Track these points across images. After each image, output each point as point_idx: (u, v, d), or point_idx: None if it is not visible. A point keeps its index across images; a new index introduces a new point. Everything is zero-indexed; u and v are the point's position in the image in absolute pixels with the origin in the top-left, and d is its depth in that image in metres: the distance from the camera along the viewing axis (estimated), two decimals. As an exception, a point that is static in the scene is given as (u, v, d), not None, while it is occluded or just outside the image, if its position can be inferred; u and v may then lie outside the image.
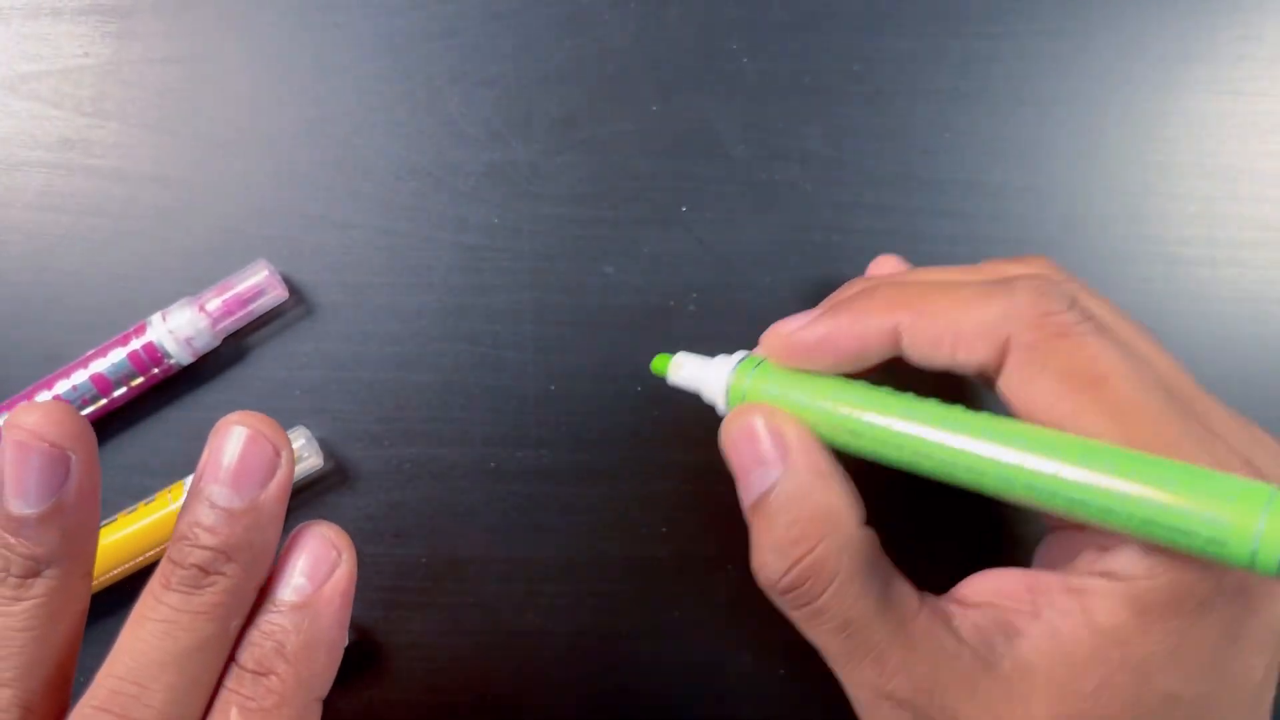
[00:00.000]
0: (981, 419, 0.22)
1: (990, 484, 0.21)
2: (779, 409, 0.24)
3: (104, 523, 0.31)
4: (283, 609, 0.20)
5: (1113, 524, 0.20)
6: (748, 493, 0.24)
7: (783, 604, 0.23)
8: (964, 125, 0.33)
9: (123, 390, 0.31)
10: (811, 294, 0.33)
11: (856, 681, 0.23)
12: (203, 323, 0.30)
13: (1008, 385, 0.22)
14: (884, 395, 0.23)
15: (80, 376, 0.30)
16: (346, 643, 0.22)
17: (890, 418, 0.22)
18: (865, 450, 0.23)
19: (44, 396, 0.30)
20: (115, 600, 0.32)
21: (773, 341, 0.24)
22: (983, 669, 0.21)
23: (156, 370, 0.31)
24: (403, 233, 0.32)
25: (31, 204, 0.32)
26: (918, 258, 0.33)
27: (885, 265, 0.30)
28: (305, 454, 0.31)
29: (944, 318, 0.22)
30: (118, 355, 0.30)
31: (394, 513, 0.32)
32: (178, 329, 0.30)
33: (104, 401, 0.31)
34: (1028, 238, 0.33)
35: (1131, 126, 0.33)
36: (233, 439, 0.21)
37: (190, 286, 0.31)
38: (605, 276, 0.32)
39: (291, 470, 0.21)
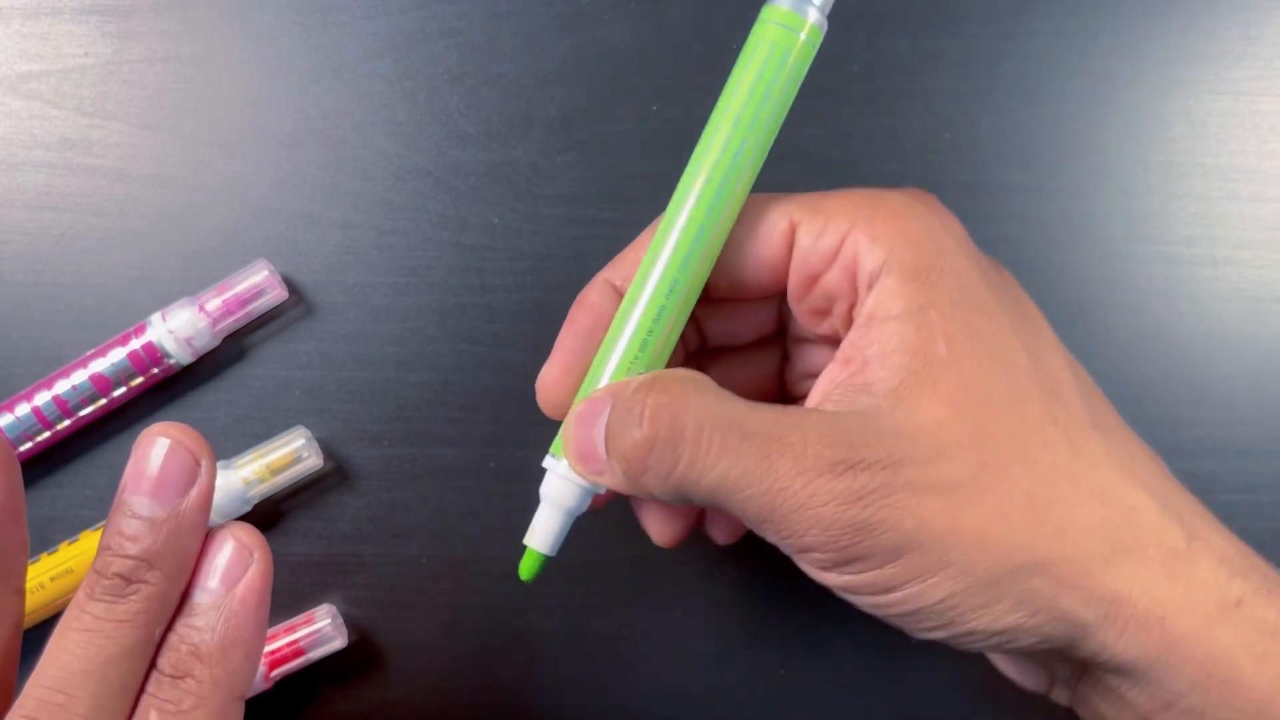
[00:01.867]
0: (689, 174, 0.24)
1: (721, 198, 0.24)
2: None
3: (103, 523, 0.31)
4: (197, 612, 0.21)
5: (768, 134, 0.24)
6: (599, 441, 0.23)
7: (672, 483, 0.22)
8: (964, 125, 0.33)
9: (122, 390, 0.31)
10: (811, 294, 0.32)
11: (783, 487, 0.21)
12: (202, 323, 0.30)
13: (808, 257, 0.24)
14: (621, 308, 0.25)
15: (80, 376, 0.30)
16: (264, 643, 0.23)
17: (660, 255, 0.24)
18: (654, 330, 0.24)
19: (43, 396, 0.30)
20: (115, 600, 0.32)
21: (545, 387, 0.25)
22: (878, 412, 0.22)
23: (156, 370, 0.31)
24: (403, 233, 0.32)
25: (31, 204, 0.32)
26: (918, 258, 0.32)
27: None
28: (305, 454, 0.31)
29: (634, 246, 0.25)
30: (117, 355, 0.30)
31: (394, 513, 0.32)
32: (178, 329, 0.30)
33: (104, 401, 0.31)
34: (1028, 238, 0.33)
35: (1131, 126, 0.33)
36: (154, 450, 0.21)
37: (190, 286, 0.31)
38: (605, 276, 0.32)
39: (212, 479, 0.21)
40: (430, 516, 0.32)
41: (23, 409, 0.30)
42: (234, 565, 0.22)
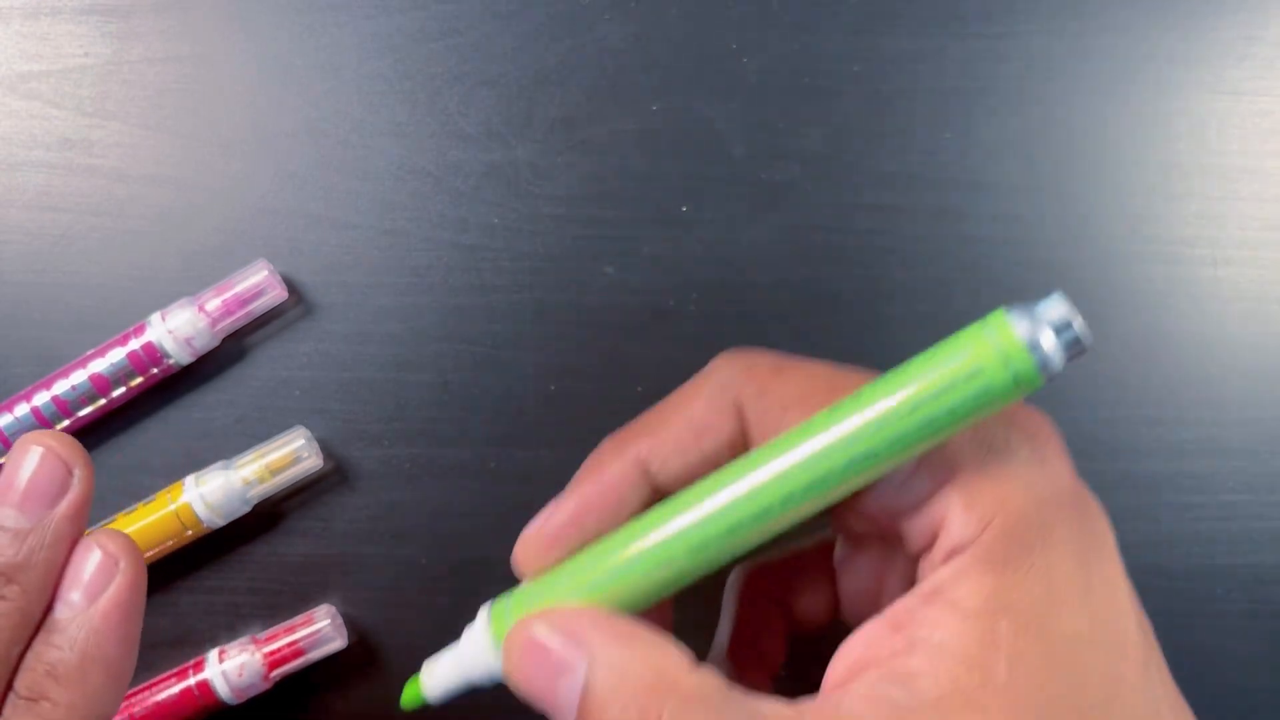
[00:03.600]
0: (736, 465, 0.20)
1: (798, 503, 0.19)
2: (547, 608, 0.21)
3: (103, 523, 0.31)
4: (56, 629, 0.20)
5: (897, 452, 0.19)
6: (567, 710, 0.19)
7: None
8: (964, 125, 0.33)
9: (122, 390, 0.31)
10: (812, 294, 0.32)
11: None
12: (202, 323, 0.30)
13: (759, 430, 0.21)
14: (643, 519, 0.21)
15: (79, 376, 0.30)
16: (133, 661, 0.21)
17: (672, 521, 0.20)
18: (668, 580, 0.21)
19: (42, 396, 0.30)
20: (115, 600, 0.32)
21: (526, 548, 0.22)
22: None
23: (156, 370, 0.31)
24: (403, 233, 0.32)
25: (31, 204, 0.32)
26: (918, 258, 0.33)
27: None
28: (305, 454, 0.31)
29: (675, 421, 0.22)
30: (117, 355, 0.30)
31: (394, 513, 0.32)
32: (177, 329, 0.30)
33: (103, 401, 0.31)
34: (1028, 238, 0.33)
35: (1131, 126, 0.33)
36: (27, 459, 0.20)
37: (190, 286, 0.31)
38: (605, 276, 0.32)
39: (87, 489, 0.20)
40: (430, 516, 0.32)
41: (22, 409, 0.30)
42: (98, 576, 0.20)
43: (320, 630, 0.31)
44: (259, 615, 0.32)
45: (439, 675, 0.22)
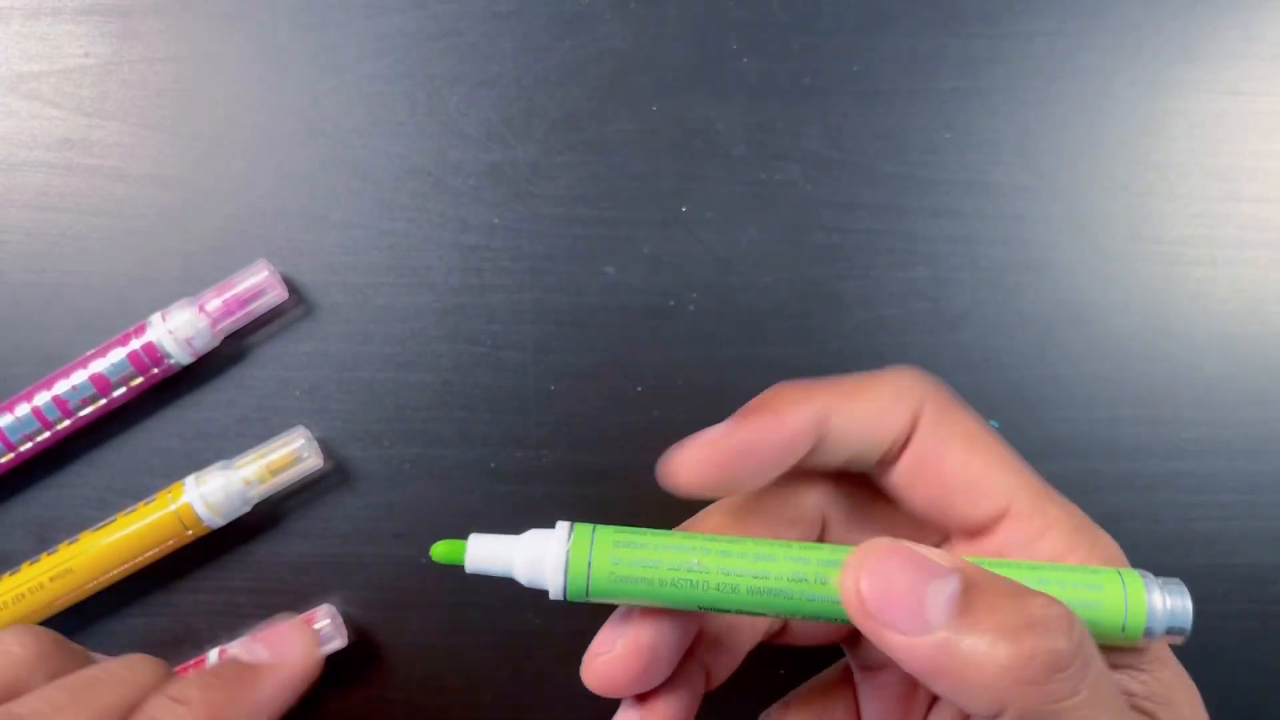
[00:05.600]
0: None
1: None
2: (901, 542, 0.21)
3: (104, 523, 0.31)
4: None
5: None
6: (932, 610, 0.19)
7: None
8: (964, 125, 0.33)
9: (122, 390, 0.31)
10: (812, 294, 0.33)
11: None
12: (202, 323, 0.30)
13: (919, 452, 0.22)
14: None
15: (80, 376, 0.30)
16: None
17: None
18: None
19: (43, 396, 0.30)
20: (115, 600, 0.32)
21: (692, 456, 0.22)
22: None
23: (156, 370, 0.31)
24: (403, 233, 0.32)
25: (31, 204, 0.32)
26: (918, 258, 0.33)
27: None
28: (305, 454, 0.31)
29: (864, 397, 0.22)
30: (117, 355, 0.30)
31: (393, 513, 0.32)
32: (178, 329, 0.30)
33: (103, 401, 0.31)
34: (1028, 238, 0.33)
35: (1131, 126, 0.33)
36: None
37: (190, 286, 0.31)
38: (605, 276, 0.32)
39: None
40: (430, 516, 0.32)
41: (22, 409, 0.30)
42: None
43: (320, 630, 0.31)
44: (259, 615, 0.32)
45: (488, 551, 0.22)
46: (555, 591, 0.22)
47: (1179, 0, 0.33)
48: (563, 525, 0.22)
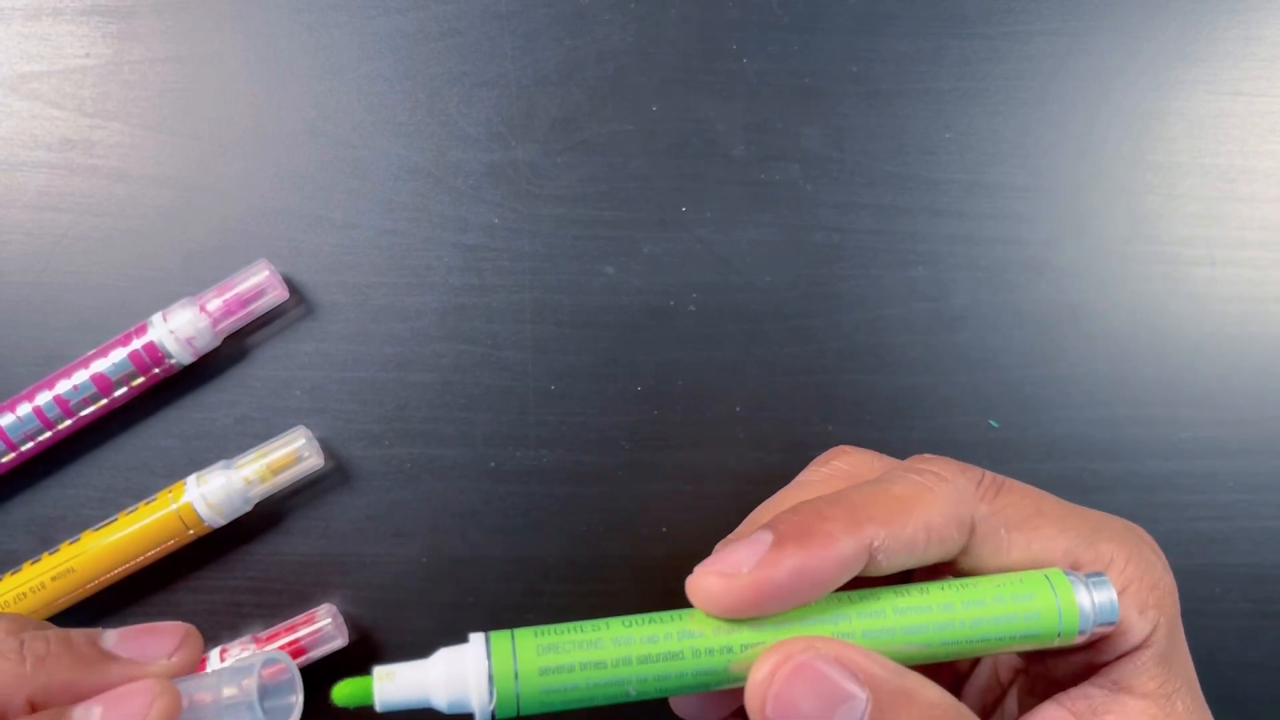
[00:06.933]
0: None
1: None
2: (811, 635, 0.21)
3: (104, 523, 0.31)
4: None
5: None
6: None
7: None
8: (964, 125, 0.33)
9: (123, 390, 0.31)
10: (812, 294, 0.33)
11: None
12: (203, 323, 0.30)
13: (979, 554, 0.23)
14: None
15: (81, 376, 0.30)
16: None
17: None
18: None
19: (44, 396, 0.30)
20: (116, 600, 0.32)
21: (725, 587, 0.20)
22: None
23: (157, 370, 0.31)
24: (403, 233, 0.32)
25: (31, 204, 0.32)
26: (918, 257, 0.33)
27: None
28: (306, 454, 0.31)
29: (914, 519, 0.22)
30: (119, 355, 0.30)
31: (394, 513, 0.32)
32: (178, 329, 0.30)
33: (104, 401, 0.31)
34: (1028, 238, 0.33)
35: (1131, 126, 0.33)
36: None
37: (191, 286, 0.31)
38: (605, 276, 0.32)
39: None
40: (430, 516, 0.32)
41: (24, 409, 0.30)
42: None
43: (321, 629, 0.31)
44: (260, 614, 0.32)
45: (400, 685, 0.20)
46: (481, 713, 0.20)
47: (1179, 1, 0.33)
48: (477, 637, 0.20)
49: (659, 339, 0.32)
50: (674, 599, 0.33)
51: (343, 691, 0.20)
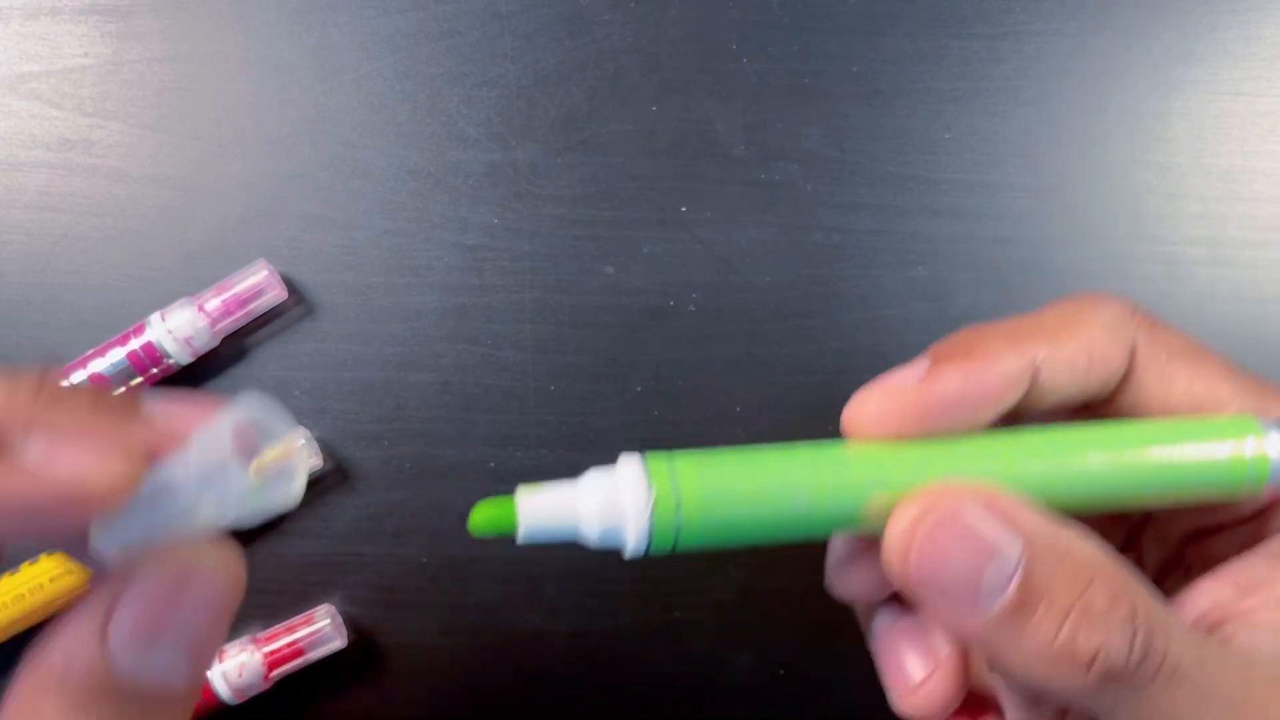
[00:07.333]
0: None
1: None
2: (962, 481, 0.18)
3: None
4: None
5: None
6: (988, 594, 0.18)
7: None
8: (964, 125, 0.33)
9: (122, 390, 0.31)
10: (812, 294, 0.32)
11: None
12: (202, 323, 0.30)
13: (1142, 384, 0.21)
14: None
15: (79, 376, 0.30)
16: None
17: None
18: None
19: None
20: (115, 600, 0.32)
21: (882, 407, 0.19)
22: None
23: (156, 370, 0.31)
24: (403, 233, 0.32)
25: (31, 204, 0.32)
26: (918, 257, 0.33)
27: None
28: (305, 454, 0.31)
29: (1077, 337, 0.21)
30: (117, 355, 0.30)
31: (394, 513, 0.32)
32: (177, 329, 0.30)
33: (104, 401, 0.31)
34: (1028, 238, 0.33)
35: (1131, 126, 0.33)
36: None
37: (190, 286, 0.31)
38: (605, 276, 0.32)
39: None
40: (430, 516, 0.32)
41: (22, 409, 0.30)
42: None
43: (320, 630, 0.31)
44: (259, 615, 0.32)
45: (542, 512, 0.18)
46: (636, 544, 0.17)
47: (1179, 1, 0.33)
48: (629, 458, 0.17)
49: (659, 339, 0.32)
50: (675, 598, 0.33)
51: (482, 514, 0.17)
